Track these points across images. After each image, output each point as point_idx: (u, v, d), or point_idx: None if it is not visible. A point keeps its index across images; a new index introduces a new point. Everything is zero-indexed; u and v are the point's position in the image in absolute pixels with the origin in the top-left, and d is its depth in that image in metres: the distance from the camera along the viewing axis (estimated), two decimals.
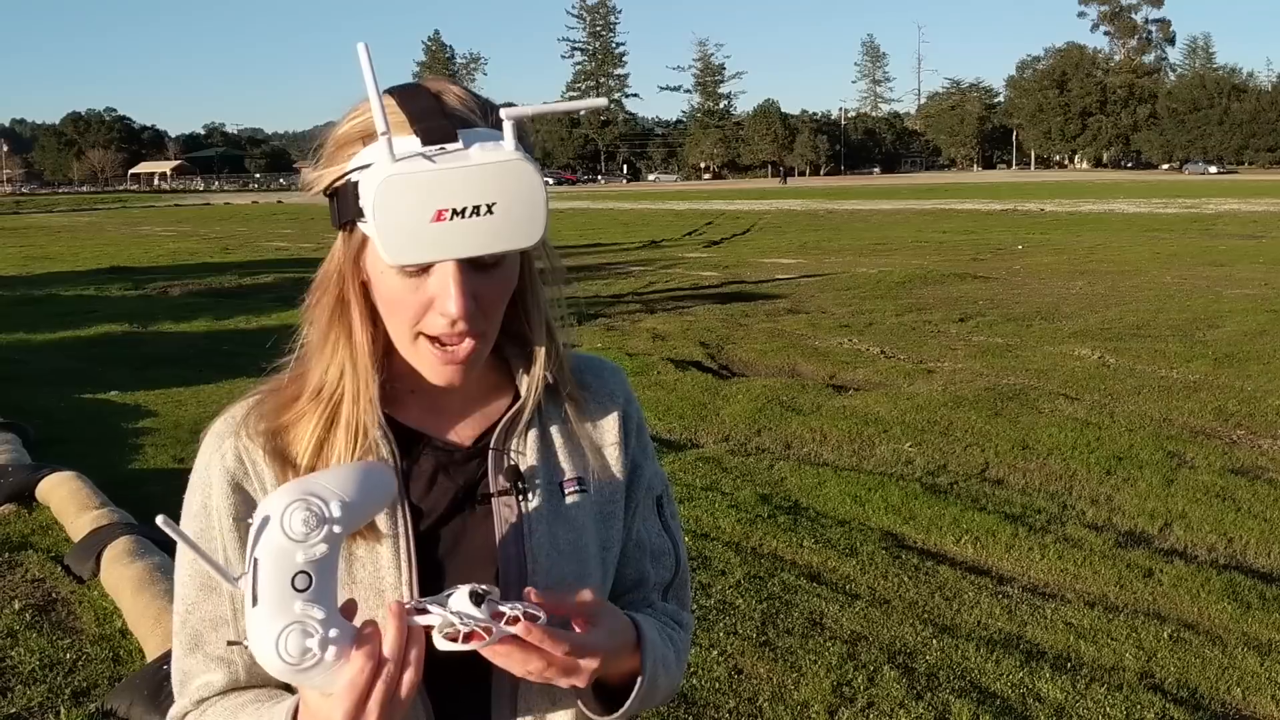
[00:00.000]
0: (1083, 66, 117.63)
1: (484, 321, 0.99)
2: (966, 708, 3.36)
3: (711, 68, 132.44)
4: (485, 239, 0.92)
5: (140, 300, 15.05)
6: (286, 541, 0.88)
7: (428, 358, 1.00)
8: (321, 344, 1.03)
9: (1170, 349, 9.44)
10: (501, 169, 0.91)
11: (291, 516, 0.88)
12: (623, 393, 1.16)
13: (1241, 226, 25.96)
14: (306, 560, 0.88)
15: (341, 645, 0.88)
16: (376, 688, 0.87)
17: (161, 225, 36.83)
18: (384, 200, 0.90)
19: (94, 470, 5.68)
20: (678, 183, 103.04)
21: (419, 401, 1.08)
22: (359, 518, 0.92)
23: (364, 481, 0.93)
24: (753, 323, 11.72)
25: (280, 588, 0.88)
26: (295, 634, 0.87)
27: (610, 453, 1.13)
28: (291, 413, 1.04)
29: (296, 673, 0.88)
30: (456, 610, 0.90)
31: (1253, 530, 4.97)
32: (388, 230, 0.91)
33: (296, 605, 0.87)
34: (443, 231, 0.90)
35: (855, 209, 39.06)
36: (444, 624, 0.90)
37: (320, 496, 0.90)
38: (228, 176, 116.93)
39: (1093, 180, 75.09)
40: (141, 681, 3.44)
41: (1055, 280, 15.23)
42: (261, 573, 0.88)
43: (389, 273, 0.96)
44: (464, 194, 0.90)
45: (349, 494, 0.91)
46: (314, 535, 0.88)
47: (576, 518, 1.08)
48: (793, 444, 6.63)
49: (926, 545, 4.87)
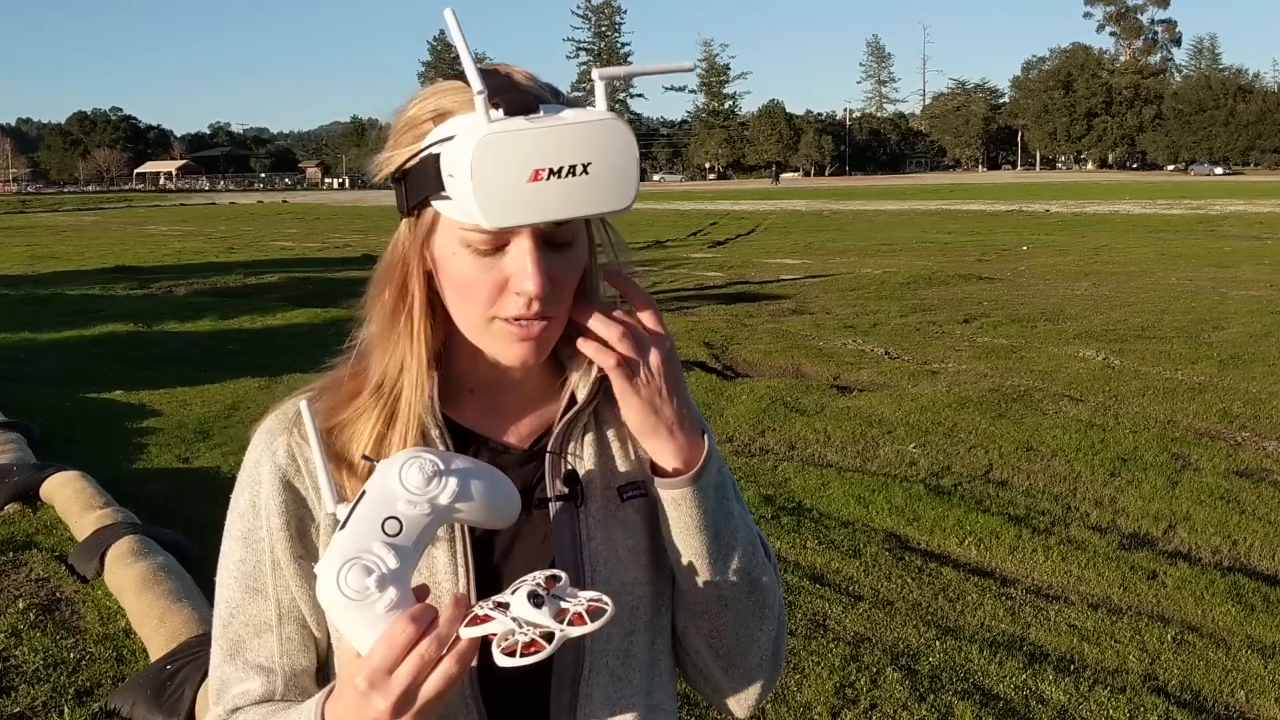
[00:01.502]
0: (1088, 67, 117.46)
1: (557, 303, 0.97)
2: (970, 709, 3.36)
3: (716, 68, 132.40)
4: (581, 200, 0.90)
5: (145, 300, 15.06)
6: (397, 486, 0.89)
7: (502, 337, 0.97)
8: (384, 336, 1.01)
9: (1175, 350, 9.42)
10: (597, 128, 0.90)
11: (410, 467, 0.89)
12: None
13: (1247, 228, 25.91)
14: (405, 512, 0.89)
15: (397, 601, 0.87)
16: (410, 657, 0.84)
17: (167, 225, 36.89)
18: (482, 159, 0.88)
19: (98, 470, 5.69)
20: (682, 183, 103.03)
21: (476, 402, 1.06)
22: (475, 511, 0.92)
23: (493, 484, 0.93)
24: (757, 323, 11.72)
25: (370, 523, 0.88)
26: (360, 568, 0.86)
27: None
28: (351, 409, 1.02)
29: (346, 605, 0.86)
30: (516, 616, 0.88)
31: (1257, 532, 4.96)
32: (485, 191, 0.88)
33: (375, 544, 0.87)
34: (539, 192, 0.88)
35: (860, 209, 39.03)
36: (504, 634, 0.87)
37: (446, 468, 0.90)
38: (233, 176, 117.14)
39: (1098, 181, 74.99)
40: (145, 681, 3.45)
41: (1060, 281, 15.21)
42: (361, 504, 0.89)
43: (461, 254, 0.95)
44: (561, 153, 0.88)
45: (475, 483, 0.91)
46: (422, 494, 0.89)
47: (636, 524, 1.06)
48: (796, 445, 6.62)
49: (930, 547, 4.87)
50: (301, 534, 1.02)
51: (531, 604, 0.88)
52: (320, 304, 13.50)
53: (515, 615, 0.88)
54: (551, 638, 0.86)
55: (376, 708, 0.85)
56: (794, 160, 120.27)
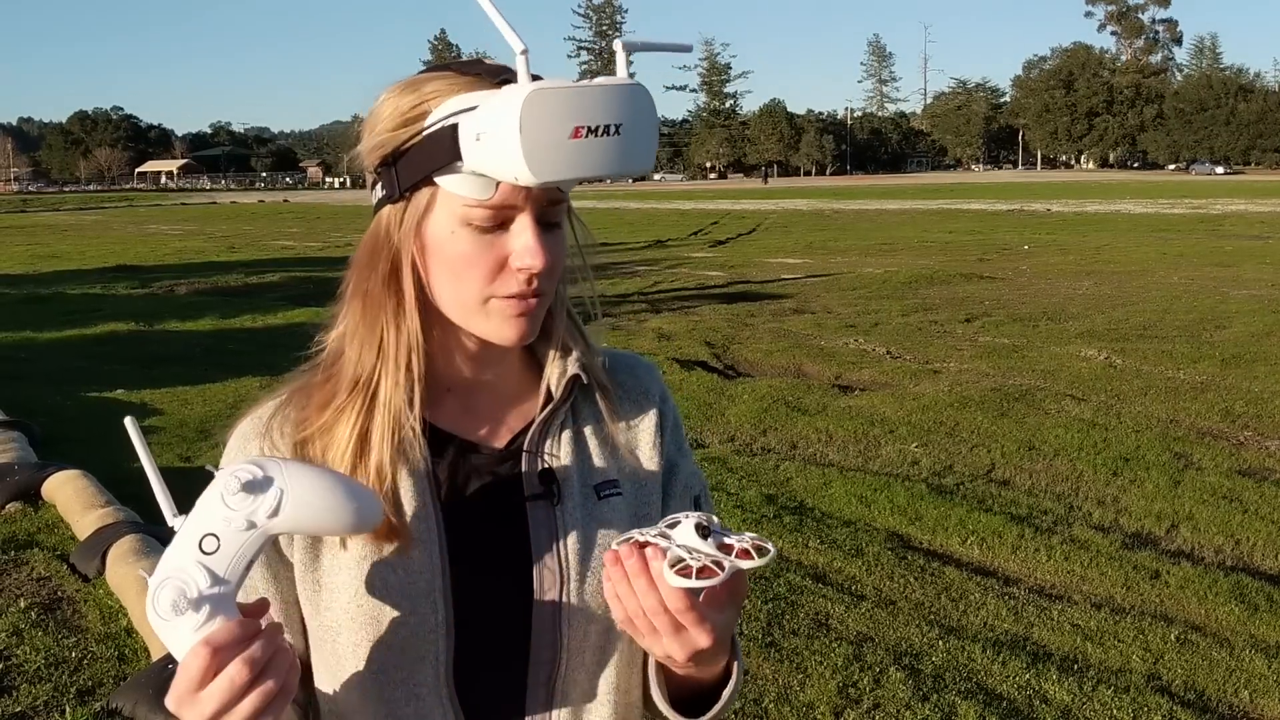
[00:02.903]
0: (1089, 66, 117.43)
1: (549, 282, 0.98)
2: (973, 709, 3.35)
3: (717, 67, 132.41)
4: (614, 160, 0.92)
5: (146, 299, 15.06)
6: (217, 501, 0.87)
7: (498, 316, 0.98)
8: (363, 329, 1.01)
9: (1177, 350, 9.42)
10: (630, 91, 0.92)
11: (230, 479, 0.87)
12: (658, 390, 1.14)
13: (1248, 227, 25.89)
14: (223, 528, 0.87)
15: (205, 621, 0.85)
16: (219, 679, 0.83)
17: (168, 224, 36.90)
18: (532, 114, 0.88)
19: (99, 469, 5.68)
20: (683, 182, 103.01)
21: (453, 402, 1.06)
22: (304, 522, 0.89)
23: (335, 494, 0.89)
24: (758, 323, 11.71)
25: (188, 541, 0.87)
26: (171, 588, 0.85)
27: (645, 453, 1.10)
28: (330, 411, 1.01)
29: (159, 625, 0.86)
30: (683, 544, 0.88)
31: (1260, 532, 4.95)
32: (532, 146, 0.88)
33: (190, 564, 0.86)
34: (579, 149, 0.90)
35: (861, 209, 39.03)
36: (673, 558, 0.87)
37: (269, 478, 0.87)
38: (234, 175, 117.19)
39: (1099, 180, 74.97)
40: (146, 680, 3.45)
41: (1062, 281, 15.20)
42: (187, 520, 0.88)
43: (461, 233, 0.95)
44: (599, 111, 0.90)
45: (305, 496, 0.88)
46: (239, 509, 0.87)
47: (612, 521, 1.05)
48: (798, 444, 6.61)
49: (932, 546, 4.86)
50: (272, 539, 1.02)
51: (699, 535, 0.88)
52: (321, 303, 13.33)
53: (682, 543, 0.88)
54: (722, 567, 0.86)
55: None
56: (795, 159, 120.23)
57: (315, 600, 1.01)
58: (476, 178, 0.93)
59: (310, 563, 1.01)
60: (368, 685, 1.00)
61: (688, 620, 0.89)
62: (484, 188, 0.94)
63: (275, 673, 0.85)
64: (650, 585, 0.88)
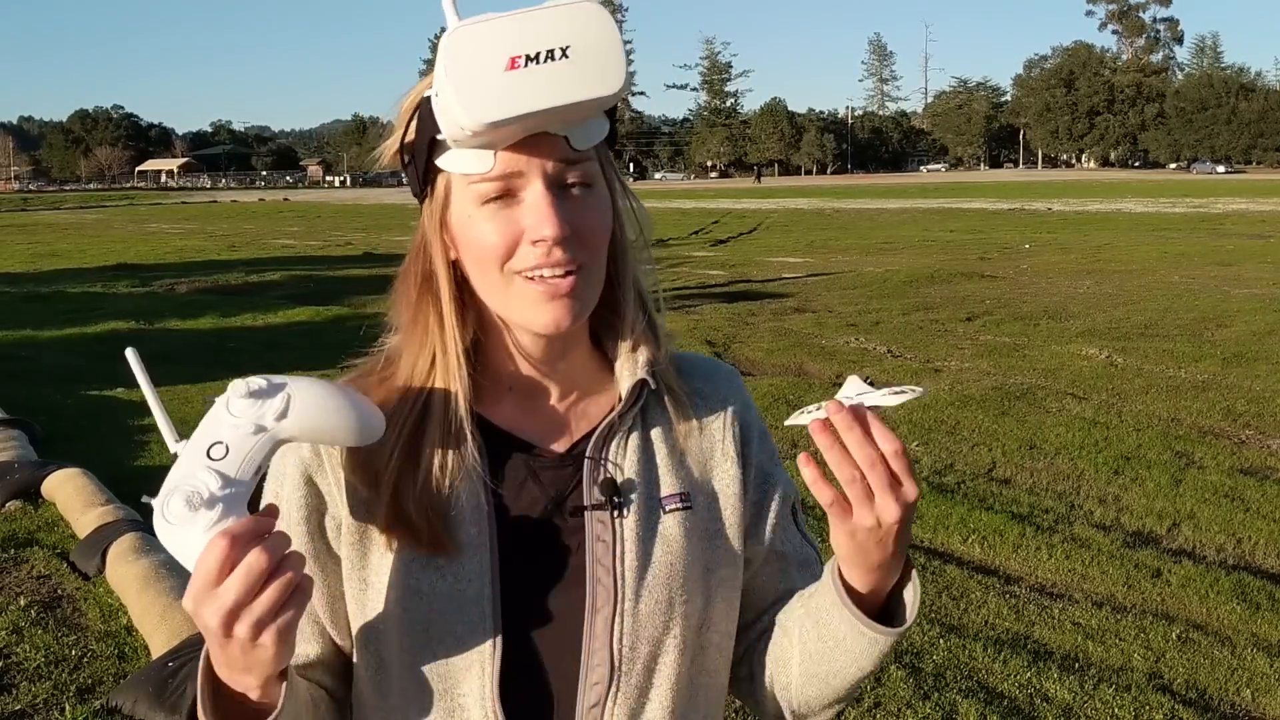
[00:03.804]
0: (1090, 65, 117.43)
1: (584, 253, 0.92)
2: (974, 708, 3.35)
3: (718, 66, 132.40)
4: (565, 86, 0.86)
5: (147, 297, 15.06)
6: (223, 410, 0.88)
7: (528, 298, 0.93)
8: (410, 330, 0.98)
9: (1178, 349, 9.41)
10: (571, 10, 0.87)
11: (236, 389, 0.88)
12: (739, 399, 1.08)
13: (1249, 226, 25.88)
14: (232, 434, 0.87)
15: (219, 518, 0.83)
16: (238, 569, 0.79)
17: (168, 223, 36.90)
18: (453, 56, 0.85)
19: (100, 467, 5.68)
20: (684, 181, 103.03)
21: (515, 401, 1.02)
22: (309, 427, 0.88)
23: (330, 399, 0.89)
24: (759, 322, 11.71)
25: (198, 450, 0.87)
26: (181, 494, 0.84)
27: (721, 465, 1.04)
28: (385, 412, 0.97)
29: (170, 531, 0.84)
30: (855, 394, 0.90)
31: (1261, 530, 4.95)
32: (462, 89, 0.85)
33: (199, 470, 0.85)
34: (519, 80, 0.85)
35: (862, 208, 39.02)
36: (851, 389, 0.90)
37: (275, 388, 0.88)
38: (234, 174, 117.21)
39: (1100, 179, 74.94)
40: (146, 679, 3.44)
41: (1062, 279, 15.20)
42: (193, 436, 0.88)
43: (476, 215, 0.92)
44: (536, 38, 0.86)
45: (311, 401, 0.88)
46: (246, 414, 0.87)
47: (676, 537, 1.00)
48: (799, 443, 6.61)
49: (933, 545, 4.86)
50: (319, 530, 1.00)
51: (868, 383, 0.90)
52: (321, 302, 13.50)
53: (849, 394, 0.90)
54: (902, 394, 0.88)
55: (208, 625, 0.81)
56: (796, 159, 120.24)
57: (361, 600, 0.98)
58: (473, 152, 0.90)
59: (359, 559, 0.98)
60: (411, 692, 0.97)
61: (898, 466, 0.87)
62: (481, 160, 0.91)
63: (293, 564, 0.82)
64: (866, 436, 0.87)
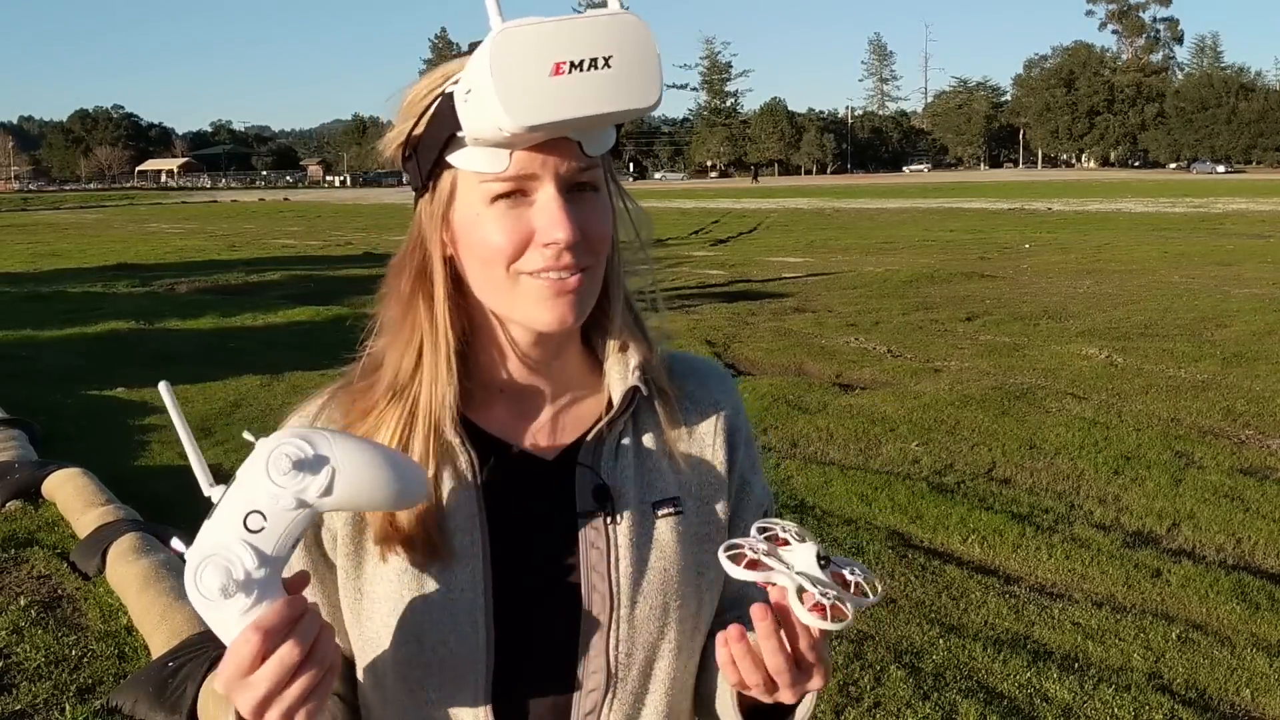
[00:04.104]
0: (1090, 65, 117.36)
1: (589, 256, 0.92)
2: (973, 708, 3.35)
3: (718, 66, 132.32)
4: (606, 95, 0.86)
5: (147, 297, 15.06)
6: (263, 475, 0.83)
7: (534, 295, 0.92)
8: (400, 329, 0.97)
9: (1178, 348, 9.41)
10: (615, 21, 0.87)
11: (278, 455, 0.83)
12: (729, 402, 1.07)
13: (1249, 226, 25.88)
14: (270, 505, 0.83)
15: (254, 603, 0.82)
16: (270, 662, 0.79)
17: (168, 222, 36.90)
18: (501, 56, 0.85)
19: (100, 467, 5.68)
20: (684, 181, 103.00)
21: (505, 404, 1.01)
22: (353, 500, 0.85)
23: (385, 470, 0.85)
24: (759, 321, 11.71)
25: (233, 516, 0.83)
26: (215, 567, 0.82)
27: (712, 470, 1.04)
28: (372, 419, 0.97)
29: (204, 605, 0.83)
30: (803, 572, 0.82)
31: (1261, 530, 4.95)
32: (507, 88, 0.84)
33: (235, 542, 0.82)
34: (562, 86, 0.85)
35: (862, 208, 39.01)
36: (799, 590, 0.82)
37: (320, 461, 0.83)
38: (235, 174, 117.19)
39: (1100, 179, 74.93)
40: (146, 679, 3.44)
41: (1062, 279, 15.19)
42: (228, 494, 0.84)
43: (485, 213, 0.91)
44: (581, 45, 0.86)
45: (356, 473, 0.84)
46: (288, 486, 0.83)
47: (669, 542, 1.00)
48: (799, 443, 6.61)
49: (933, 545, 4.86)
50: (316, 541, 1.00)
51: (820, 564, 0.83)
52: (322, 302, 13.50)
53: (802, 571, 0.83)
54: (844, 605, 0.81)
55: (239, 707, 0.82)
56: (796, 158, 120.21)
57: (357, 609, 0.99)
58: (488, 150, 0.90)
59: (353, 570, 0.98)
60: (405, 702, 0.98)
61: (805, 666, 0.85)
62: (497, 159, 0.90)
63: (323, 650, 0.82)
64: (779, 646, 0.84)
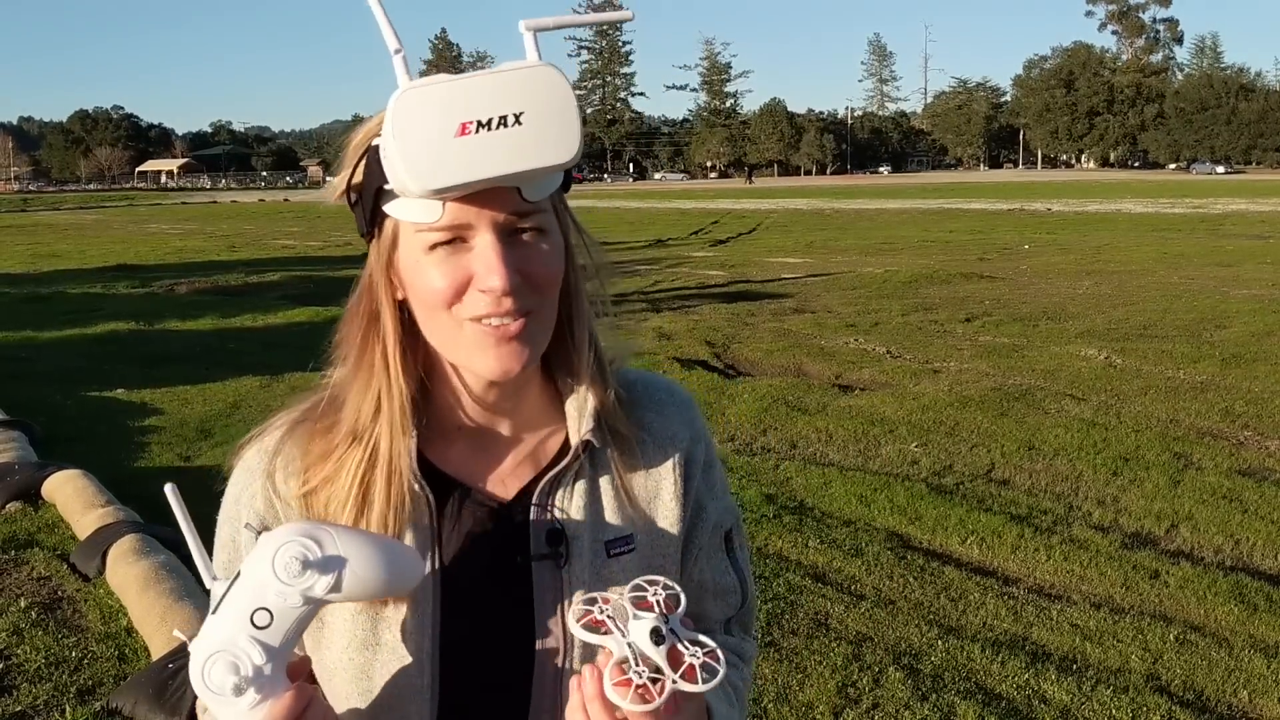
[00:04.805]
0: (1090, 66, 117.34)
1: (534, 298, 0.91)
2: (972, 709, 3.36)
3: (718, 66, 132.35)
4: (517, 154, 0.84)
5: (147, 298, 15.06)
6: (269, 573, 0.84)
7: (477, 340, 0.91)
8: (356, 374, 0.97)
9: (1177, 349, 9.41)
10: (526, 75, 0.84)
11: (283, 554, 0.84)
12: (688, 433, 1.06)
13: (1249, 227, 25.88)
14: (277, 603, 0.84)
15: (262, 698, 0.84)
16: None
17: (168, 223, 36.89)
18: (402, 119, 0.83)
19: (100, 468, 5.68)
20: (684, 182, 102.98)
21: (463, 443, 1.01)
22: (358, 594, 0.87)
23: (389, 566, 0.87)
24: (759, 322, 11.71)
25: (240, 612, 0.84)
26: (224, 663, 0.83)
27: (665, 505, 1.03)
28: (332, 463, 0.97)
29: (209, 698, 0.84)
30: (633, 643, 0.83)
31: (1260, 532, 4.95)
32: (410, 153, 0.83)
33: (243, 638, 0.84)
34: (469, 147, 0.83)
35: (861, 208, 39.01)
36: (618, 661, 0.83)
37: (330, 562, 0.85)
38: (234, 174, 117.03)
39: (1099, 180, 74.93)
40: (146, 680, 3.45)
41: (1062, 280, 15.20)
42: (234, 589, 0.85)
43: (424, 260, 0.90)
44: (488, 103, 0.83)
45: (362, 571, 0.86)
46: (295, 584, 0.84)
47: (621, 580, 0.98)
48: (798, 444, 6.61)
49: (932, 546, 4.86)
50: None
51: (652, 639, 0.83)
52: (321, 302, 13.48)
53: (632, 642, 0.83)
54: (662, 689, 0.82)
55: None
56: (795, 159, 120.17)
57: (317, 636, 1.00)
58: (421, 201, 0.88)
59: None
60: None
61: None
62: (430, 209, 0.88)
63: None
64: (605, 708, 0.84)
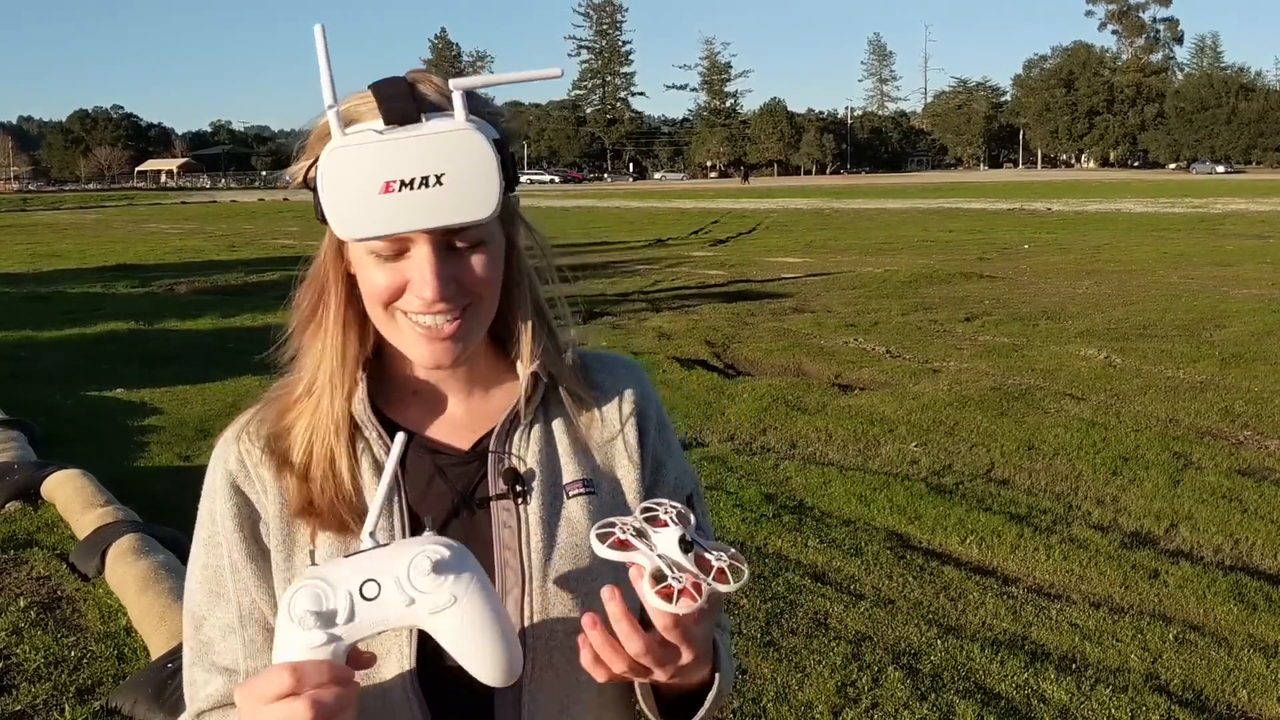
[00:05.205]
0: (1090, 65, 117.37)
1: (468, 298, 0.98)
2: (971, 709, 3.36)
3: (718, 66, 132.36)
4: (435, 211, 0.92)
5: (146, 298, 15.07)
6: (403, 561, 0.88)
7: (410, 334, 0.99)
8: (310, 342, 1.05)
9: (1177, 349, 9.42)
10: (449, 139, 0.91)
11: (426, 551, 0.88)
12: (638, 390, 1.13)
13: (1249, 226, 25.89)
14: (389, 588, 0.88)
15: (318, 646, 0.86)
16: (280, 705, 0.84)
17: (168, 223, 36.89)
18: (331, 173, 0.91)
19: (99, 468, 5.68)
20: (684, 181, 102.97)
21: (418, 402, 1.07)
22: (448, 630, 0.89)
23: (493, 640, 0.89)
24: (758, 321, 11.72)
25: (358, 572, 0.88)
26: (311, 593, 0.87)
27: (621, 453, 1.09)
28: (292, 414, 1.05)
29: (283, 617, 0.87)
30: (664, 555, 0.86)
31: (1259, 531, 4.95)
32: (336, 203, 0.91)
33: (344, 589, 0.87)
34: (392, 204, 0.91)
35: (861, 208, 39.02)
36: (654, 572, 0.85)
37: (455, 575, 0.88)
38: (234, 174, 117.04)
39: (1099, 180, 74.94)
40: (146, 679, 3.45)
41: (1061, 280, 15.20)
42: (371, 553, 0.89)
43: (367, 260, 0.97)
44: (410, 164, 0.91)
45: (467, 611, 0.88)
46: (411, 581, 0.88)
47: (580, 519, 1.04)
48: (798, 443, 6.62)
49: (931, 545, 4.86)
50: (254, 536, 1.03)
51: (681, 549, 0.86)
52: None
53: (663, 554, 0.86)
54: (700, 590, 0.84)
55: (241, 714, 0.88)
56: (795, 159, 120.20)
57: None
58: None
59: (283, 561, 1.02)
60: None
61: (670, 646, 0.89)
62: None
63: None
64: (632, 630, 0.88)
